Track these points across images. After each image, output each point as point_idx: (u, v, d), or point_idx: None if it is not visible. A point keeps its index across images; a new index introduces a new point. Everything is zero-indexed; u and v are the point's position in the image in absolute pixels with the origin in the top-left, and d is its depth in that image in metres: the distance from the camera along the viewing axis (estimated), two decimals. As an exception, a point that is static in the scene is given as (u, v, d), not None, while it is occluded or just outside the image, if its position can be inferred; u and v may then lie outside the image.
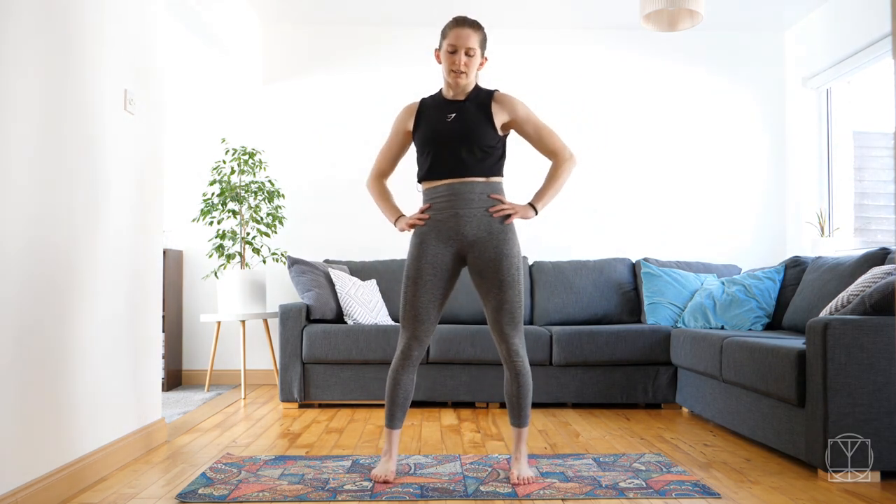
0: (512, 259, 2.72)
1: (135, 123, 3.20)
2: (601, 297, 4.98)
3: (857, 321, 2.77)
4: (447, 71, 2.74)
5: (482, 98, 2.78)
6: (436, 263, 2.73)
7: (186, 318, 5.51)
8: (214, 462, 3.03)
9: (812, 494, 2.59)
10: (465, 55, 2.71)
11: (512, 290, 2.70)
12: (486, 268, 2.71)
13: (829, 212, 5.15)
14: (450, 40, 2.72)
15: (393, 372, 2.77)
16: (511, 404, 2.78)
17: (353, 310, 4.56)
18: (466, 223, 2.71)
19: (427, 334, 2.75)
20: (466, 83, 2.76)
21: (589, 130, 5.55)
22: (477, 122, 2.72)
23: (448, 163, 2.72)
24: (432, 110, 2.82)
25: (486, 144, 2.72)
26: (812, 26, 5.21)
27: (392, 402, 2.77)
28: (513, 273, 2.71)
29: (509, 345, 2.73)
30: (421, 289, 2.72)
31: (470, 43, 2.70)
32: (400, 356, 2.76)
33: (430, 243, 2.74)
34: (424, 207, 2.78)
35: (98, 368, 2.84)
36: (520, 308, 2.73)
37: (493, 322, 2.73)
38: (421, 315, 2.72)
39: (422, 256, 2.73)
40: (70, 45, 2.65)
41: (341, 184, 5.48)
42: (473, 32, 2.72)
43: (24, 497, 2.28)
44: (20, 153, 2.32)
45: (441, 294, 2.75)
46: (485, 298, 2.74)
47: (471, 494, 2.56)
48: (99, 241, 2.85)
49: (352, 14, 5.35)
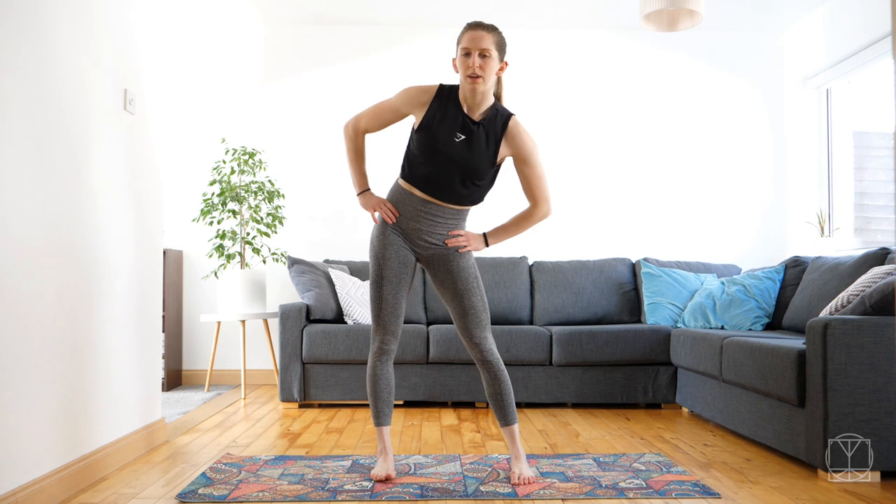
0: (468, 270, 2.78)
1: (135, 123, 3.20)
2: (601, 297, 4.98)
3: (857, 321, 2.77)
4: (463, 76, 2.63)
5: (496, 128, 2.69)
6: (403, 262, 2.77)
7: (186, 318, 5.51)
8: (214, 462, 3.03)
9: (812, 494, 2.59)
10: (479, 57, 2.60)
11: (473, 296, 2.76)
12: (444, 280, 2.79)
13: (829, 212, 5.15)
14: (463, 44, 2.63)
15: (371, 369, 2.78)
16: (495, 404, 2.79)
17: (353, 310, 4.56)
18: (426, 238, 2.76)
19: (399, 328, 2.80)
20: (484, 90, 2.64)
21: (589, 130, 5.55)
22: (480, 158, 2.68)
23: (438, 186, 2.70)
24: (444, 117, 2.69)
25: (480, 182, 2.73)
26: (812, 26, 5.21)
27: (376, 398, 2.78)
28: (471, 281, 2.77)
29: (481, 346, 2.76)
30: (394, 287, 2.76)
31: (484, 44, 2.60)
32: (376, 352, 2.78)
33: (397, 244, 2.77)
34: (394, 211, 2.76)
35: (98, 368, 2.84)
36: (484, 310, 2.78)
37: (461, 328, 2.78)
38: (395, 311, 2.76)
39: (390, 256, 2.76)
40: (70, 46, 2.65)
41: (341, 184, 5.47)
42: (487, 34, 2.62)
43: (24, 497, 2.28)
44: (20, 153, 2.32)
45: (407, 288, 2.81)
46: (448, 304, 2.82)
47: (471, 494, 2.56)
48: (99, 240, 2.85)
49: (352, 14, 5.35)
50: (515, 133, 2.71)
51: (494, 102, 2.74)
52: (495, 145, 2.70)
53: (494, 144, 2.70)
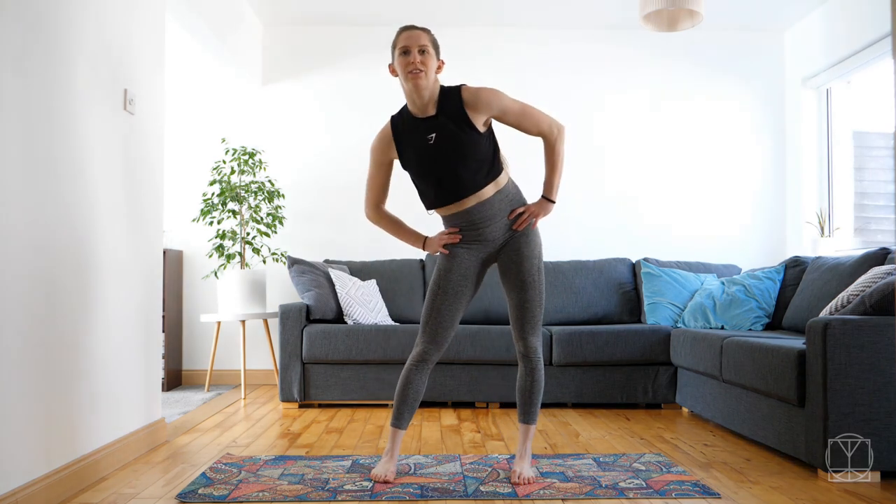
0: (532, 260, 2.76)
1: (135, 123, 3.20)
2: (601, 297, 4.98)
3: (857, 321, 2.77)
4: (404, 75, 2.62)
5: (453, 106, 2.66)
6: (467, 275, 2.77)
7: (186, 318, 5.51)
8: (214, 462, 3.03)
9: (812, 494, 2.60)
10: (418, 53, 2.62)
11: (532, 290, 2.75)
12: (509, 269, 2.77)
13: (829, 212, 5.15)
14: (400, 44, 2.65)
15: (406, 371, 2.78)
16: (522, 399, 2.80)
17: (353, 310, 4.56)
18: (494, 234, 2.76)
19: (447, 340, 2.78)
20: (426, 84, 2.63)
21: (588, 131, 5.54)
22: (460, 138, 2.64)
23: (450, 190, 2.69)
24: (409, 134, 2.72)
25: (477, 154, 2.67)
26: (812, 26, 5.21)
27: (402, 400, 2.77)
28: (533, 274, 2.75)
29: (527, 344, 2.78)
30: (450, 298, 2.75)
31: (421, 41, 2.64)
32: (416, 358, 2.77)
33: (462, 256, 2.77)
34: (452, 230, 2.77)
35: (98, 368, 2.84)
36: (539, 308, 2.78)
37: (515, 320, 2.78)
38: (445, 322, 2.75)
39: (454, 269, 2.75)
40: (70, 46, 2.65)
41: (341, 184, 5.47)
42: (422, 32, 2.67)
43: (24, 497, 2.28)
44: (20, 153, 2.32)
45: (466, 302, 2.79)
46: (508, 296, 2.79)
47: (471, 494, 2.56)
48: (99, 240, 2.85)
49: (352, 15, 5.35)
50: (474, 96, 2.67)
51: (441, 87, 2.71)
52: (464, 119, 2.65)
53: (462, 118, 2.65)
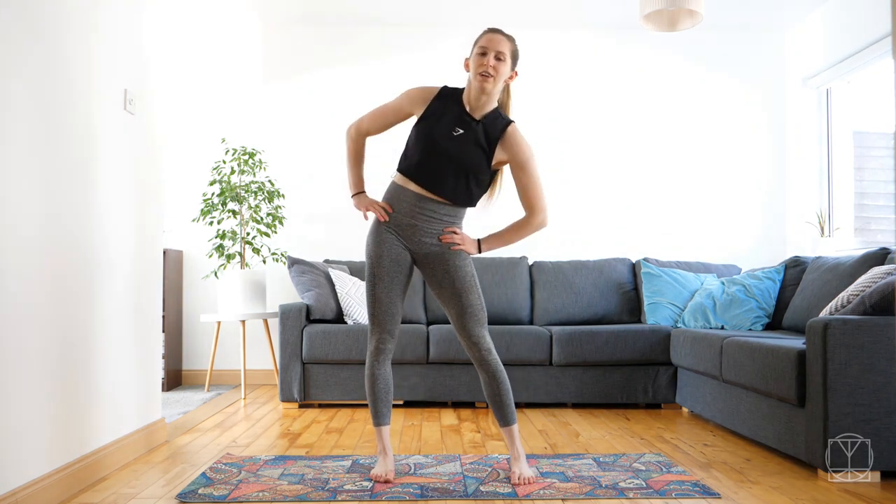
0: (465, 269, 2.77)
1: (135, 123, 3.20)
2: (601, 297, 4.98)
3: (857, 321, 2.77)
4: (474, 73, 2.68)
5: (495, 129, 2.73)
6: (398, 261, 2.76)
7: (186, 318, 5.51)
8: (214, 462, 3.03)
9: (812, 494, 2.60)
10: (494, 58, 2.67)
11: (471, 294, 2.76)
12: (442, 279, 2.77)
13: (829, 212, 5.15)
14: (481, 43, 2.70)
15: (369, 369, 2.79)
16: (494, 404, 2.79)
17: (353, 310, 4.56)
18: (421, 236, 2.75)
19: (396, 326, 2.80)
20: (491, 92, 2.69)
21: (589, 131, 5.55)
22: (475, 154, 2.71)
23: (433, 177, 2.71)
24: (445, 111, 2.76)
25: (476, 177, 2.73)
26: (812, 26, 5.21)
27: (374, 398, 2.78)
28: (468, 280, 2.76)
29: (480, 345, 2.76)
30: (388, 285, 2.75)
31: (501, 47, 2.68)
32: (374, 352, 2.78)
33: (391, 242, 2.76)
34: (387, 208, 2.77)
35: (98, 369, 2.84)
36: (482, 309, 2.78)
37: (460, 327, 2.77)
38: (391, 309, 2.76)
39: (383, 254, 2.75)
40: (70, 46, 2.65)
41: (341, 184, 5.47)
42: (506, 40, 2.71)
43: (24, 497, 2.28)
44: (21, 154, 2.32)
45: (403, 287, 2.80)
46: (446, 306, 2.80)
47: (471, 494, 2.56)
48: (99, 240, 2.85)
49: (352, 14, 5.34)
50: (513, 137, 2.74)
51: (496, 108, 2.78)
52: (491, 145, 2.72)
53: (491, 144, 2.72)
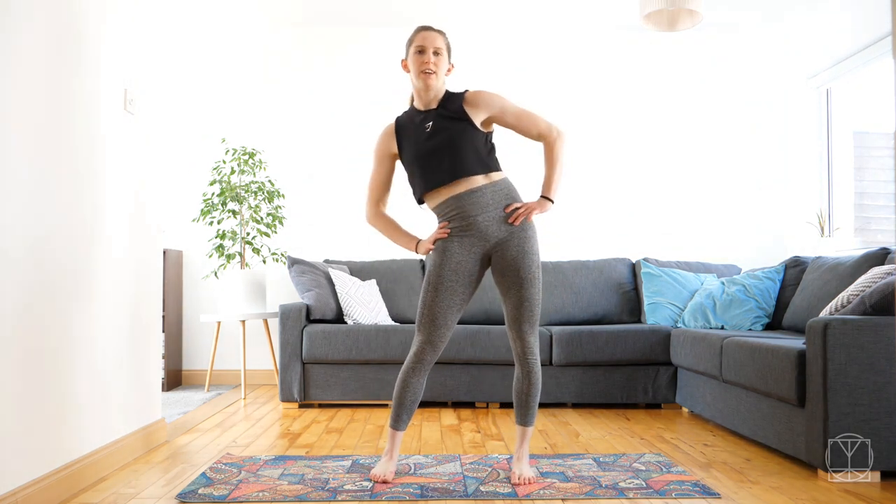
0: (532, 257, 2.74)
1: (135, 123, 3.20)
2: (601, 297, 4.98)
3: (857, 321, 2.77)
4: (416, 73, 2.76)
5: (455, 103, 2.77)
6: (459, 270, 2.72)
7: (186, 318, 5.51)
8: (214, 462, 3.03)
9: (812, 494, 2.59)
10: (433, 54, 2.75)
11: (532, 287, 2.73)
12: (508, 266, 2.72)
13: (829, 212, 5.15)
14: (417, 42, 2.78)
15: (403, 373, 2.76)
16: (519, 402, 2.78)
17: (353, 310, 4.56)
18: (487, 227, 2.72)
19: (442, 340, 2.74)
20: (437, 85, 2.77)
21: (589, 131, 5.55)
22: (457, 127, 2.73)
23: (440, 171, 2.71)
24: (410, 127, 2.82)
25: (471, 144, 2.72)
26: (813, 26, 5.21)
27: (399, 403, 2.76)
28: (533, 271, 2.73)
29: (525, 342, 2.74)
30: (441, 294, 2.71)
31: (437, 43, 2.77)
32: (413, 359, 2.75)
33: (453, 250, 2.73)
34: (442, 226, 2.77)
35: (98, 368, 2.84)
36: (538, 306, 2.76)
37: (512, 319, 2.74)
38: (438, 320, 2.72)
39: (444, 263, 2.72)
40: (70, 45, 2.65)
41: (341, 184, 5.48)
42: (438, 35, 2.80)
43: (24, 497, 2.28)
44: (21, 154, 2.32)
45: (461, 300, 2.75)
46: (505, 296, 2.75)
47: (471, 494, 2.56)
48: (99, 240, 2.85)
49: (352, 15, 5.34)
50: (475, 96, 2.78)
51: (447, 91, 2.83)
52: (461, 112, 2.75)
53: (460, 112, 2.75)
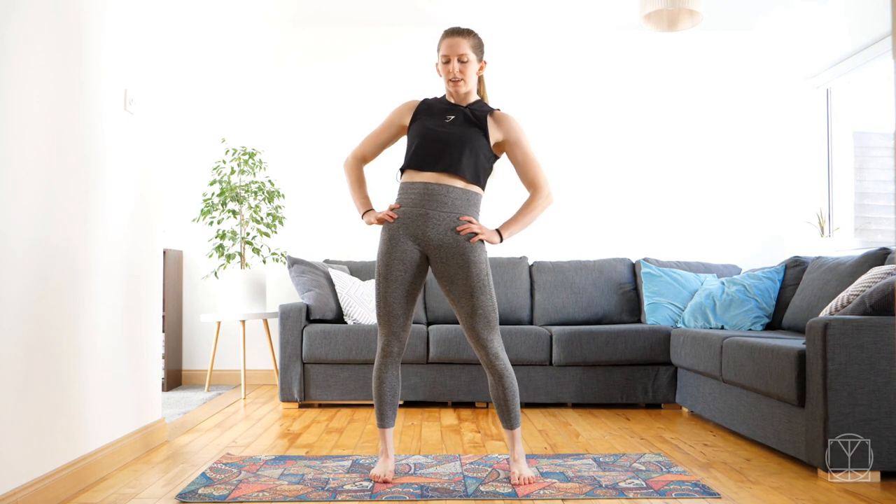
0: (480, 265, 2.71)
1: (135, 123, 3.20)
2: (601, 297, 4.98)
3: (857, 321, 2.77)
4: (446, 81, 2.81)
5: (482, 111, 2.81)
6: (405, 259, 2.73)
7: (186, 318, 5.51)
8: (214, 462, 3.03)
9: (812, 494, 2.60)
10: (458, 62, 2.76)
11: (483, 294, 2.70)
12: (455, 275, 2.71)
13: (829, 212, 5.15)
14: (442, 51, 2.79)
15: (377, 371, 2.80)
16: (500, 407, 2.78)
17: (354, 310, 4.56)
18: (433, 226, 2.71)
19: (403, 329, 2.77)
20: (466, 90, 2.80)
21: (589, 131, 5.55)
22: (472, 131, 2.76)
23: (436, 157, 2.72)
24: (433, 109, 2.85)
25: (475, 151, 2.74)
26: (812, 26, 5.21)
27: (380, 400, 2.79)
28: (482, 278, 2.71)
29: (488, 349, 2.72)
30: (392, 285, 2.73)
31: (461, 50, 2.76)
32: (381, 354, 2.79)
33: (398, 240, 2.74)
34: (394, 206, 2.77)
35: (98, 368, 2.84)
36: (493, 311, 2.73)
37: (469, 328, 2.73)
38: (395, 311, 2.74)
39: (391, 253, 2.73)
40: (70, 46, 2.65)
41: (342, 184, 5.47)
42: (463, 39, 2.77)
43: (24, 497, 2.28)
44: (21, 154, 2.32)
45: (412, 289, 2.76)
46: (456, 305, 2.74)
47: (471, 494, 2.56)
48: (99, 240, 2.85)
49: (353, 14, 5.34)
50: (503, 116, 2.83)
51: (479, 100, 2.87)
52: (483, 122, 2.78)
53: (482, 121, 2.78)
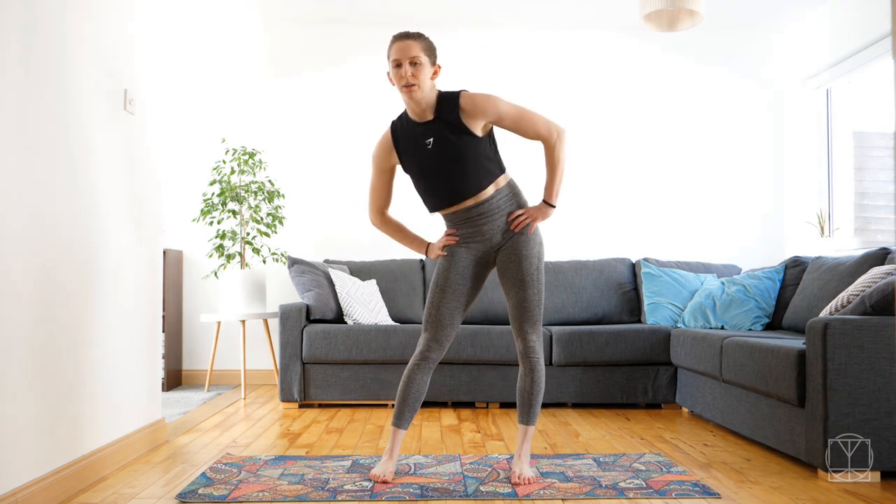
0: (531, 259, 2.78)
1: (135, 123, 3.20)
2: (601, 297, 4.98)
3: (857, 321, 2.77)
4: (399, 88, 2.68)
5: (451, 113, 2.70)
6: (465, 274, 2.81)
7: (186, 318, 5.51)
8: (214, 462, 3.03)
9: (812, 494, 2.60)
10: (410, 65, 2.65)
11: (531, 288, 2.76)
12: (508, 269, 2.79)
13: (829, 212, 5.15)
14: (393, 56, 2.67)
15: (408, 371, 2.80)
16: (522, 400, 2.79)
17: (353, 310, 4.56)
18: (492, 234, 2.79)
19: (447, 339, 2.80)
20: (421, 95, 2.68)
21: (589, 131, 5.55)
22: (457, 144, 2.69)
23: (448, 192, 2.75)
24: (408, 138, 2.79)
25: (476, 156, 2.71)
26: (812, 26, 5.21)
27: (403, 401, 2.78)
28: (532, 273, 2.77)
29: (526, 341, 2.78)
30: (448, 296, 2.79)
31: (412, 52, 2.65)
32: (418, 357, 2.79)
33: (460, 255, 2.81)
34: (450, 232, 2.84)
35: (98, 368, 2.84)
36: (538, 307, 2.79)
37: (514, 319, 2.79)
38: (444, 320, 2.78)
39: (452, 267, 2.80)
40: (70, 46, 2.65)
41: (341, 184, 5.48)
42: (414, 42, 2.67)
43: (24, 497, 2.28)
44: (21, 154, 2.32)
45: (466, 301, 2.83)
46: (507, 296, 2.81)
47: (471, 494, 2.56)
48: (99, 240, 2.85)
49: (351, 14, 5.35)
50: (470, 103, 2.70)
51: (438, 93, 2.75)
52: (460, 126, 2.70)
53: (459, 125, 2.70)
